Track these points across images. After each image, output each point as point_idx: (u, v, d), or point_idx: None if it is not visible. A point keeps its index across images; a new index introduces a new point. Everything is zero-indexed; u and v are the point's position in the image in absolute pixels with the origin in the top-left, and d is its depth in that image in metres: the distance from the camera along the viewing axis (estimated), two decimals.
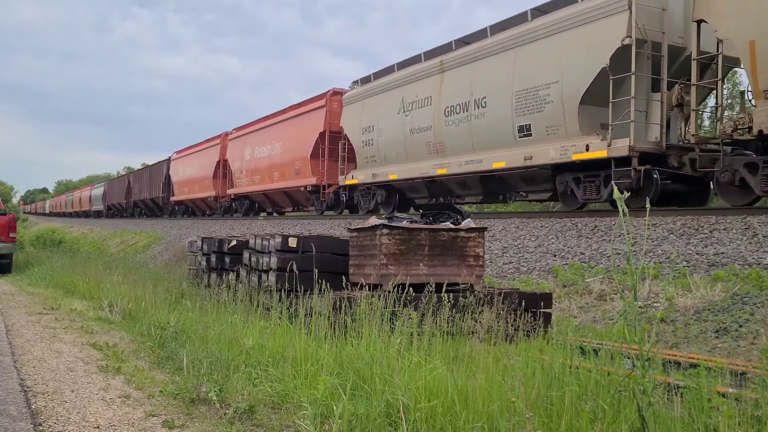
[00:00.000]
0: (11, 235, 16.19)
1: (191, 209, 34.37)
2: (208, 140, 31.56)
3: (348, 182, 18.41)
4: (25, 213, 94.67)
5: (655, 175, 10.40)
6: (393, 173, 16.44)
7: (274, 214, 25.73)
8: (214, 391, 3.98)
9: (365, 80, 18.47)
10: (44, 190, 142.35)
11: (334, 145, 19.25)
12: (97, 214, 55.25)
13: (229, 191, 27.59)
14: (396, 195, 17.31)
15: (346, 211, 19.64)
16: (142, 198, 40.80)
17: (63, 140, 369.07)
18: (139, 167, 57.14)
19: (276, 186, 22.80)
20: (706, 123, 16.36)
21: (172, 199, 35.39)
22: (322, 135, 19.55)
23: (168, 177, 36.14)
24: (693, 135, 10.03)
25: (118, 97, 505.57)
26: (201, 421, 3.67)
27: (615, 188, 2.81)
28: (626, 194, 2.79)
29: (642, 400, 2.70)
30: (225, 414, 3.74)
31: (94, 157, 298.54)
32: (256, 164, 24.71)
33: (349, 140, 18.53)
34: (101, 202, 53.00)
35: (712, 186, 10.76)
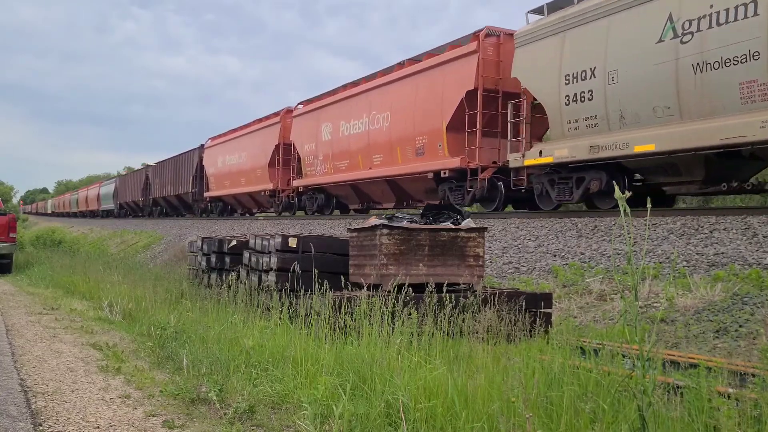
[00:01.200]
0: (11, 235, 16.18)
1: (232, 207, 28.62)
2: (260, 120, 25.34)
3: (296, 184, 21.58)
4: (25, 213, 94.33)
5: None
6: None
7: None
8: (214, 391, 3.98)
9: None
10: (44, 190, 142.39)
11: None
12: (106, 214, 51.36)
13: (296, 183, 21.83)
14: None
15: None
16: (164, 195, 35.37)
17: (63, 140, 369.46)
18: (139, 167, 54.14)
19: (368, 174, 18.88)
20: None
21: (206, 194, 29.44)
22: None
23: (201, 168, 30.19)
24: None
25: (118, 97, 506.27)
26: (201, 421, 3.67)
27: (616, 188, 2.81)
28: (627, 194, 2.79)
29: (642, 400, 2.70)
30: (225, 414, 3.74)
31: (94, 157, 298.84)
32: (341, 147, 18.82)
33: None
34: (112, 201, 48.45)
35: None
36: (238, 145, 26.70)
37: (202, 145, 30.46)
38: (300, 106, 22.05)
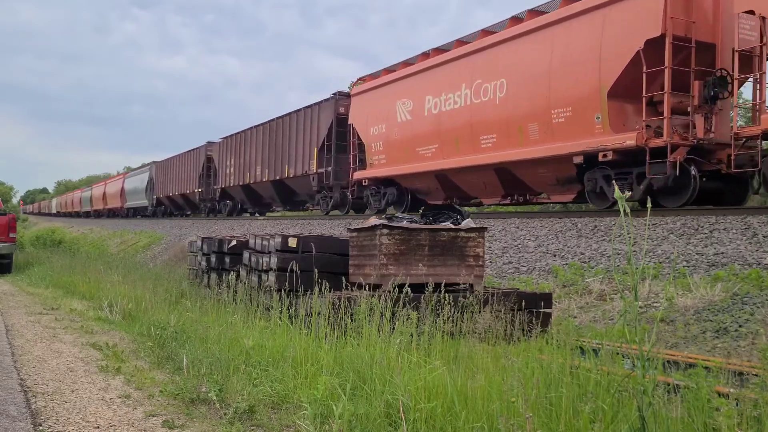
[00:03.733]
0: (11, 235, 16.20)
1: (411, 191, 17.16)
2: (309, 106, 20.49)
3: (361, 176, 22.82)
4: (25, 213, 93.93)
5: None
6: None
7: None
8: (214, 391, 3.98)
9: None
10: (44, 190, 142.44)
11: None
12: (133, 213, 41.42)
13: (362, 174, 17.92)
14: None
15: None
16: (246, 182, 24.73)
17: (63, 140, 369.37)
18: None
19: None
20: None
21: (362, 175, 17.56)
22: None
23: (339, 136, 18.90)
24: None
25: (118, 97, 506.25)
26: (201, 421, 3.68)
27: (616, 188, 2.81)
28: (627, 194, 2.79)
29: (641, 400, 2.70)
30: (225, 414, 3.74)
31: (94, 157, 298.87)
32: (426, 128, 15.16)
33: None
34: (145, 196, 38.19)
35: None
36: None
37: (337, 95, 19.54)
38: (360, 82, 18.55)
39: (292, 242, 7.18)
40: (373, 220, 6.62)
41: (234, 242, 8.96)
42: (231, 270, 8.35)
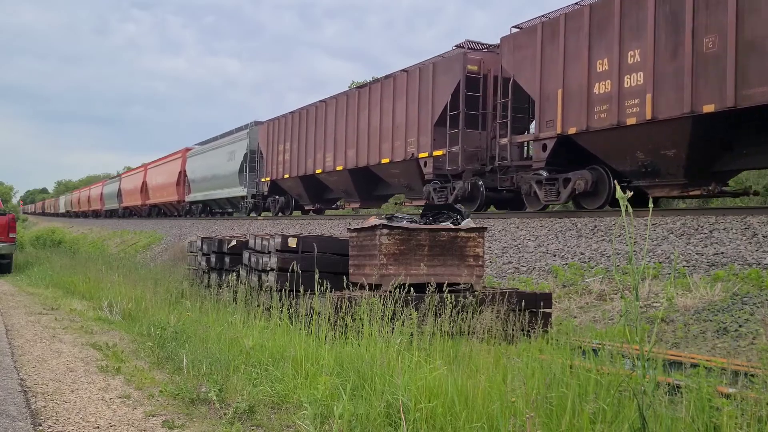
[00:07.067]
0: (11, 235, 16.19)
1: None
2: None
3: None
4: (25, 213, 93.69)
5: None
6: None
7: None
8: (214, 391, 3.98)
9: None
10: (44, 190, 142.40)
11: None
12: (207, 211, 31.06)
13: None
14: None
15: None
16: (308, 172, 20.60)
17: (63, 140, 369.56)
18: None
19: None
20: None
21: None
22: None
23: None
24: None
25: (118, 98, 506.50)
26: (201, 421, 3.67)
27: (618, 188, 2.80)
28: (629, 194, 2.79)
29: (642, 400, 2.70)
30: (225, 414, 3.74)
31: (94, 158, 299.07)
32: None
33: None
34: (238, 181, 26.20)
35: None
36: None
37: (466, 45, 15.39)
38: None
39: (292, 242, 7.17)
40: (373, 220, 6.61)
41: (234, 242, 8.96)
42: (231, 270, 8.34)
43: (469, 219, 6.89)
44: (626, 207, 2.72)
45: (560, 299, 7.88)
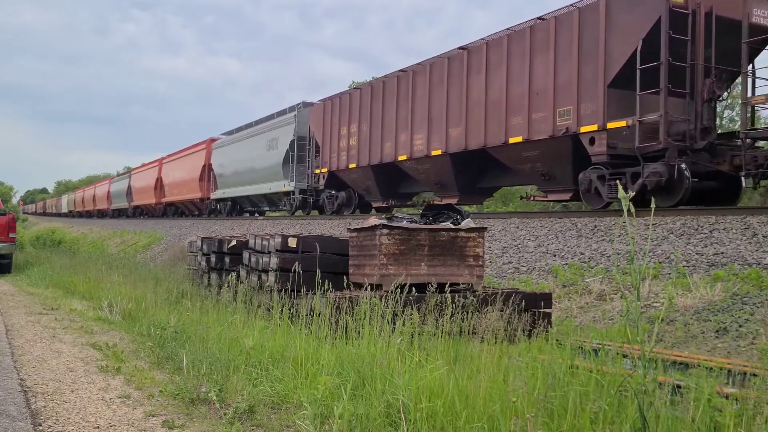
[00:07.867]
0: (11, 235, 16.19)
1: None
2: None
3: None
4: (25, 213, 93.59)
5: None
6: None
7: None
8: (214, 391, 3.97)
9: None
10: (44, 190, 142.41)
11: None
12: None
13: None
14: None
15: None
16: (383, 160, 16.68)
17: (63, 140, 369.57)
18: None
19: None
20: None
21: None
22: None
23: None
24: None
25: (118, 98, 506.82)
26: (201, 421, 3.67)
27: (620, 188, 2.80)
28: (630, 194, 2.79)
29: (642, 400, 2.70)
30: (225, 414, 3.73)
31: (94, 158, 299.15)
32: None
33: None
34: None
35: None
36: None
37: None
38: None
39: (292, 242, 7.17)
40: (373, 220, 6.61)
41: (234, 242, 8.96)
42: (231, 270, 8.34)
43: (469, 219, 6.89)
44: (629, 207, 2.72)
45: (560, 299, 7.87)
